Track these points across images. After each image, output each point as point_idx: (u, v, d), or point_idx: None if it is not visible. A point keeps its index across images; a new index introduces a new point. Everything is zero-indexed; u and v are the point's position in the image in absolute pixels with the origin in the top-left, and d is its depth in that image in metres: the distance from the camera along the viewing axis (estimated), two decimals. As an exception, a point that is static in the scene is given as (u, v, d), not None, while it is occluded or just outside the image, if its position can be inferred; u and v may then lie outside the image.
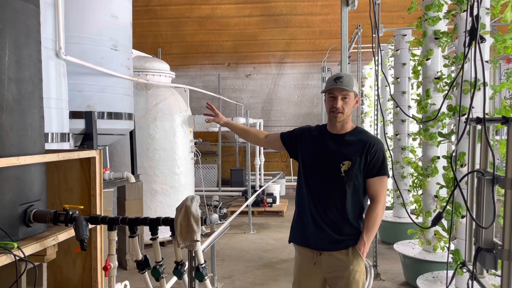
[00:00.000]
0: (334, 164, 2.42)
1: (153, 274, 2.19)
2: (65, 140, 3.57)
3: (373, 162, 2.40)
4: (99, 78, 4.52)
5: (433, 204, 4.58)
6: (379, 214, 2.42)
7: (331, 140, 2.49)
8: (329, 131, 2.53)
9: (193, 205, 2.11)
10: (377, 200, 2.43)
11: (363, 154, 2.40)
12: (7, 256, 1.91)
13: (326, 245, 2.43)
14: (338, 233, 2.42)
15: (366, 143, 2.42)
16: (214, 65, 13.32)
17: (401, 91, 6.48)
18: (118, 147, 6.05)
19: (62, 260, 2.61)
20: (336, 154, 2.43)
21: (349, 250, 2.41)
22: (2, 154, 1.99)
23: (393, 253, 5.44)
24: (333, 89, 2.41)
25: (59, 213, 2.16)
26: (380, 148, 2.44)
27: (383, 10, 6.33)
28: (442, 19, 4.44)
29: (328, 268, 2.45)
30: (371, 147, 2.41)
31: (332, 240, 2.42)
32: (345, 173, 2.39)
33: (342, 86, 2.38)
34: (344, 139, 2.46)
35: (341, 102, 2.40)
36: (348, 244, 2.42)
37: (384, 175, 2.44)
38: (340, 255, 2.42)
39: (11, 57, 2.05)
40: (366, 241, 2.41)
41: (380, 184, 2.43)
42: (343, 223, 2.42)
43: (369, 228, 2.41)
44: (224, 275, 5.12)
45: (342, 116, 2.42)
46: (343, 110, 2.40)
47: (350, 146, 2.43)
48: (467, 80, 3.44)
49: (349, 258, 2.41)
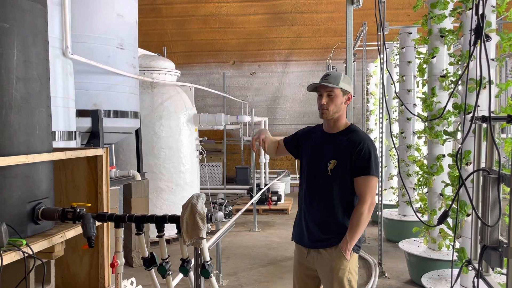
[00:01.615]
0: (323, 163, 2.48)
1: (160, 271, 2.21)
2: (72, 139, 3.60)
3: (358, 161, 2.41)
4: (105, 76, 4.55)
5: (438, 203, 4.57)
6: (363, 213, 2.40)
7: (324, 139, 2.56)
8: (325, 130, 2.60)
9: (199, 203, 2.13)
10: (362, 200, 2.42)
11: (349, 153, 2.43)
12: (16, 252, 1.94)
13: (313, 243, 2.51)
14: (324, 232, 2.47)
15: (355, 142, 2.44)
16: (219, 63, 13.34)
17: (406, 89, 6.45)
18: (124, 145, 6.08)
19: (70, 257, 2.65)
20: (325, 153, 2.50)
21: (332, 248, 2.45)
22: (11, 152, 2.02)
23: (398, 251, 5.43)
24: (318, 87, 2.49)
25: (66, 210, 2.18)
26: (367, 147, 2.43)
27: (388, 7, 6.32)
28: (448, 17, 4.42)
29: (315, 264, 2.53)
30: (357, 146, 2.42)
31: (318, 238, 2.49)
32: (331, 171, 2.44)
33: (326, 83, 2.44)
34: (335, 138, 2.52)
35: (326, 99, 2.46)
36: (332, 242, 2.46)
37: (369, 175, 2.41)
38: (325, 252, 2.47)
39: (19, 57, 2.08)
40: (349, 240, 2.40)
41: (364, 183, 2.41)
42: (329, 222, 2.47)
43: (352, 227, 2.41)
44: (229, 273, 5.14)
45: (327, 112, 2.47)
46: (328, 107, 2.45)
47: (339, 145, 2.47)
48: (473, 78, 3.43)
49: (333, 256, 2.44)
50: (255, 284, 4.82)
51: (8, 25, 2.03)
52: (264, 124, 9.86)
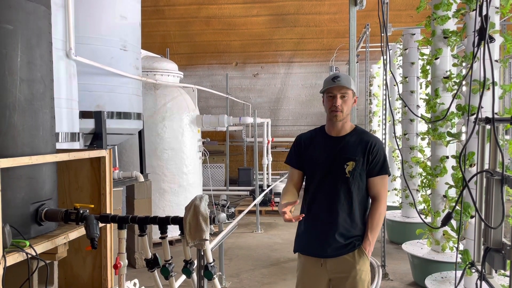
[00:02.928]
0: (339, 166, 2.42)
1: (163, 273, 2.21)
2: (75, 140, 3.61)
3: (375, 161, 2.42)
4: (109, 78, 4.56)
5: (441, 204, 4.55)
6: (382, 213, 2.45)
7: (334, 143, 2.48)
8: (329, 134, 2.52)
9: (202, 204, 2.13)
10: (379, 199, 2.44)
11: (365, 154, 2.42)
12: (19, 254, 1.95)
13: (333, 251, 2.42)
14: (345, 237, 2.41)
15: (368, 142, 2.44)
16: (221, 65, 13.35)
17: (409, 91, 6.44)
18: (127, 146, 6.09)
19: (73, 258, 2.65)
20: (339, 156, 2.43)
21: (355, 252, 2.42)
22: (15, 154, 2.03)
23: (401, 253, 5.42)
24: (331, 88, 2.41)
25: (70, 212, 2.19)
26: (381, 147, 2.47)
27: (391, 9, 6.31)
28: (451, 18, 4.41)
29: (333, 270, 2.44)
30: (372, 147, 2.43)
31: (340, 245, 2.41)
32: (350, 173, 2.40)
33: (341, 84, 2.39)
34: (345, 140, 2.47)
35: (340, 101, 2.41)
36: (354, 245, 2.42)
37: (385, 174, 2.46)
38: (347, 257, 2.42)
39: (23, 58, 2.08)
40: (371, 241, 2.42)
41: (381, 183, 2.45)
42: (351, 226, 2.42)
43: (373, 228, 2.42)
44: (232, 274, 5.14)
45: (341, 114, 2.42)
46: (342, 109, 2.41)
47: (352, 147, 2.44)
48: (476, 79, 3.42)
49: (356, 259, 2.41)
50: (258, 285, 4.82)
51: (12, 27, 2.04)
52: (267, 125, 9.85)
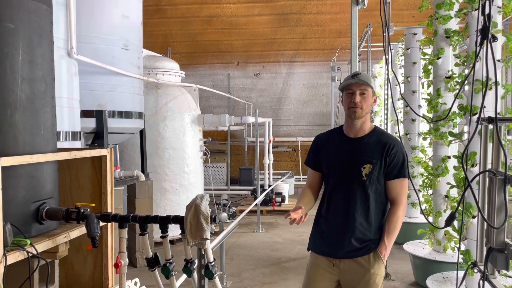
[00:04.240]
0: (355, 169, 2.36)
1: (163, 272, 2.21)
2: (77, 139, 3.61)
3: (393, 164, 2.36)
4: (110, 77, 4.56)
5: (443, 204, 4.55)
6: (400, 216, 2.38)
7: (350, 144, 2.43)
8: (347, 135, 2.47)
9: (202, 204, 2.12)
10: (398, 203, 2.38)
11: (383, 156, 2.36)
12: (20, 252, 1.95)
13: (347, 253, 2.38)
14: (361, 241, 2.37)
15: (386, 144, 2.37)
16: (223, 64, 13.35)
17: (411, 90, 6.43)
18: (128, 145, 6.10)
19: (74, 257, 2.65)
20: (357, 158, 2.38)
21: (370, 255, 2.37)
22: (16, 152, 2.02)
23: (402, 253, 5.41)
24: (351, 84, 2.37)
25: (71, 210, 2.19)
26: (400, 149, 2.39)
27: (393, 8, 6.30)
28: (453, 17, 4.40)
29: (346, 271, 2.40)
30: (390, 149, 2.36)
31: (355, 247, 2.37)
32: (366, 176, 2.34)
33: (360, 81, 2.34)
34: (363, 141, 2.41)
35: (360, 97, 2.35)
36: (370, 249, 2.37)
37: (404, 177, 2.39)
38: (361, 260, 2.37)
39: (25, 57, 2.08)
40: (387, 245, 2.36)
41: (400, 186, 2.38)
42: (367, 229, 2.37)
43: (390, 232, 2.36)
44: (233, 274, 5.13)
45: (360, 111, 2.36)
46: (361, 105, 2.35)
47: (369, 149, 2.38)
48: (479, 79, 3.41)
49: (371, 263, 2.36)
50: (259, 285, 4.82)
51: (14, 26, 2.04)
52: (268, 125, 9.85)
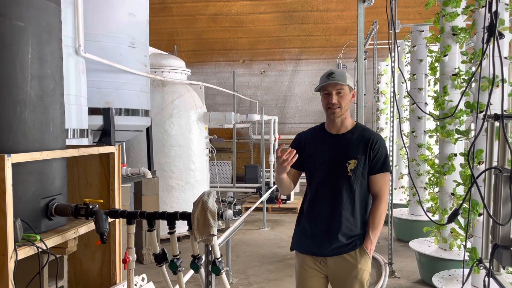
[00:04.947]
0: (341, 164, 2.39)
1: (171, 268, 2.23)
2: (84, 136, 3.65)
3: (376, 159, 2.40)
4: (117, 75, 4.59)
5: (449, 202, 4.54)
6: (384, 211, 2.42)
7: (334, 141, 2.45)
8: (329, 131, 2.49)
9: (210, 200, 2.14)
10: (381, 197, 2.42)
11: (367, 151, 2.39)
12: (30, 248, 1.98)
13: (334, 250, 2.39)
14: (348, 236, 2.38)
15: (369, 139, 2.41)
16: (228, 62, 13.36)
17: (417, 88, 6.41)
18: (134, 143, 6.13)
19: (82, 253, 2.68)
20: (341, 154, 2.41)
21: (356, 251, 2.39)
22: (26, 149, 2.05)
23: (408, 250, 5.41)
24: (326, 85, 2.40)
25: (80, 207, 2.21)
26: (382, 144, 2.44)
27: (399, 5, 6.27)
28: (460, 14, 4.38)
29: (333, 268, 2.41)
30: (374, 144, 2.40)
31: (341, 244, 2.38)
32: (352, 172, 2.37)
33: (335, 81, 2.37)
34: (347, 137, 2.44)
35: (336, 97, 2.39)
36: (356, 244, 2.39)
37: (387, 172, 2.43)
38: (348, 257, 2.39)
39: (34, 55, 2.11)
40: (372, 239, 2.39)
41: (383, 180, 2.42)
42: (353, 224, 2.39)
43: (375, 226, 2.40)
44: (239, 271, 5.16)
45: (340, 111, 2.40)
46: (340, 105, 2.39)
47: (353, 145, 2.41)
48: (485, 76, 3.40)
49: (357, 259, 2.38)
50: (265, 282, 4.84)
51: (23, 24, 2.06)
52: (274, 122, 9.85)
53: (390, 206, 5.22)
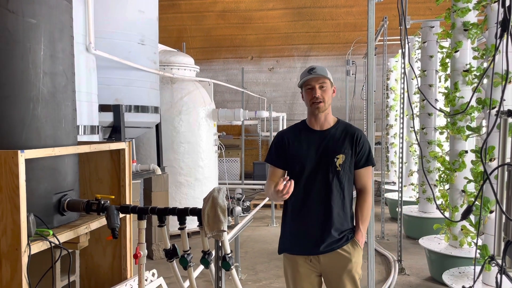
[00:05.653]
0: (330, 160, 2.38)
1: (181, 263, 2.25)
2: (95, 133, 3.67)
3: (361, 153, 2.43)
4: (127, 72, 4.61)
5: (460, 199, 4.50)
6: (370, 203, 2.49)
7: (319, 137, 2.44)
8: (312, 128, 2.47)
9: (220, 196, 2.15)
10: (367, 190, 2.47)
11: (353, 145, 2.42)
12: (43, 242, 2.00)
13: (326, 247, 2.37)
14: (340, 231, 2.39)
15: (354, 134, 2.44)
16: (237, 59, 13.36)
17: (428, 84, 6.36)
18: (144, 140, 6.17)
19: (93, 248, 2.71)
20: (329, 149, 2.40)
21: (348, 245, 2.40)
22: (38, 145, 2.07)
23: (417, 248, 5.38)
24: (309, 80, 2.40)
25: (91, 202, 2.23)
26: (365, 139, 2.49)
27: (410, 1, 6.22)
28: (472, 10, 4.34)
29: (327, 264, 2.40)
30: (358, 138, 2.43)
31: (334, 239, 2.38)
32: (340, 166, 2.38)
33: (317, 75, 2.38)
34: (331, 133, 2.44)
35: (320, 91, 2.40)
36: (347, 238, 2.40)
37: (371, 165, 2.49)
38: (341, 251, 2.39)
39: (46, 52, 2.13)
40: (363, 232, 2.45)
41: (367, 174, 2.48)
42: (344, 219, 2.40)
43: (364, 219, 2.45)
44: (248, 267, 5.17)
45: (323, 105, 2.41)
46: (323, 99, 2.40)
47: (339, 140, 2.42)
48: (498, 72, 3.36)
49: (350, 252, 2.40)
50: (273, 278, 4.85)
51: (36, 21, 2.08)
52: (282, 119, 9.84)
53: (400, 203, 5.20)
